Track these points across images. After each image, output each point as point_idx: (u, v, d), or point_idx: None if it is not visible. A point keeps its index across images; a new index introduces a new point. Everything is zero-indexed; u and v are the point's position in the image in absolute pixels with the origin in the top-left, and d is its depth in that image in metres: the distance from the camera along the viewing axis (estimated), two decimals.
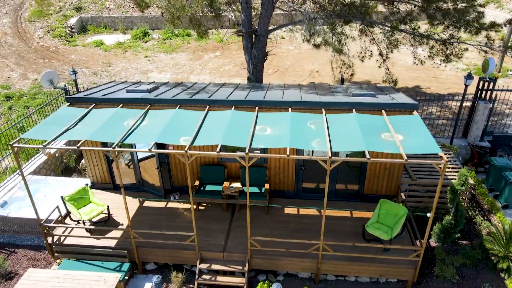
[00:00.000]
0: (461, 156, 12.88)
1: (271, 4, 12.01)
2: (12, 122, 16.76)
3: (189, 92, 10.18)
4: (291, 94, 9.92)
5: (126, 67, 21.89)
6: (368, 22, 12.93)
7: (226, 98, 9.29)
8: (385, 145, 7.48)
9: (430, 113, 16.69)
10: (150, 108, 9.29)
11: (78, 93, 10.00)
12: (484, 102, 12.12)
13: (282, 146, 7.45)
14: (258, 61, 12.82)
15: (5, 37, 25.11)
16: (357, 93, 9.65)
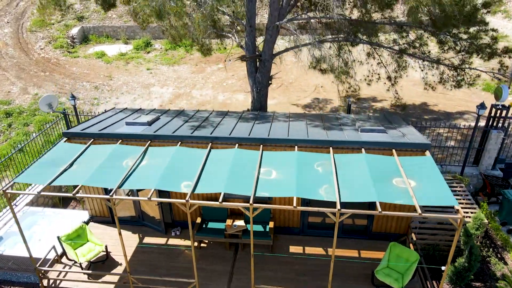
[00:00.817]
0: (473, 185, 12.45)
1: (275, 29, 11.61)
2: (11, 141, 16.44)
3: (191, 125, 9.80)
4: (296, 129, 9.51)
5: (127, 80, 21.55)
6: (375, 45, 12.51)
7: (229, 135, 8.90)
8: (397, 194, 7.07)
9: (438, 134, 16.26)
10: (150, 144, 8.93)
11: (76, 127, 9.64)
12: (497, 131, 11.67)
13: (288, 195, 7.06)
14: (262, 86, 12.43)
15: (6, 48, 24.82)
16: (366, 129, 9.23)
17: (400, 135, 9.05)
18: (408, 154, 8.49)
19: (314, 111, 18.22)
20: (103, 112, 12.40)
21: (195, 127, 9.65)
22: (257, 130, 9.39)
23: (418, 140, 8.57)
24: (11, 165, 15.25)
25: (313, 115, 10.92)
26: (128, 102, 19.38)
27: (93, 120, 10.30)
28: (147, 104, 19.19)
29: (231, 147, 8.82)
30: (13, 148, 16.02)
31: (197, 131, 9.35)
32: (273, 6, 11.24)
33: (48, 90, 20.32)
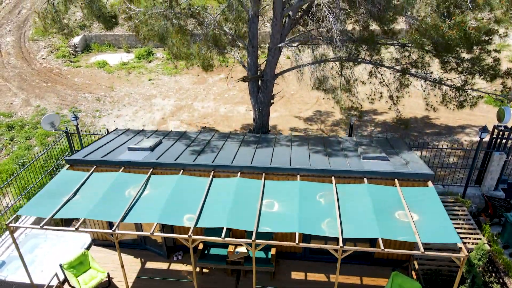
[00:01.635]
0: (475, 205, 12.42)
1: (277, 50, 11.60)
2: (14, 155, 16.46)
3: (193, 150, 9.80)
4: (299, 155, 9.51)
5: (129, 91, 21.56)
6: (378, 64, 12.49)
7: (231, 163, 8.90)
8: (400, 230, 7.07)
9: (440, 150, 16.23)
10: (152, 172, 8.93)
11: (78, 152, 9.64)
12: (499, 153, 11.64)
13: (291, 230, 7.06)
14: (264, 105, 12.43)
15: (8, 57, 24.86)
16: (368, 156, 9.22)
17: (402, 163, 9.03)
18: (410, 184, 8.47)
19: (315, 125, 18.21)
20: (105, 134, 12.43)
21: (197, 153, 9.65)
22: (259, 157, 9.39)
23: (421, 170, 8.56)
24: (13, 180, 15.28)
25: (315, 138, 10.91)
26: (129, 114, 19.39)
27: (96, 143, 10.31)
28: (149, 117, 19.21)
29: (234, 175, 8.82)
30: (15, 163, 16.05)
31: (199, 157, 9.35)
32: (275, 28, 11.23)
33: (50, 101, 20.36)
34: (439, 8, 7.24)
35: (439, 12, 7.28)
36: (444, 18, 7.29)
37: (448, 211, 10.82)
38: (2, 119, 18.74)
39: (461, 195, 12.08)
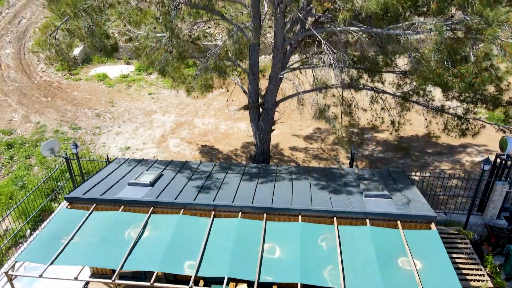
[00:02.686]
0: (477, 233, 12.34)
1: (279, 79, 11.53)
2: (13, 176, 16.39)
3: (194, 186, 9.72)
4: (300, 192, 9.43)
5: (129, 107, 21.48)
6: (379, 91, 12.42)
7: (232, 203, 8.83)
8: (402, 280, 7.00)
9: (442, 171, 16.16)
10: (153, 210, 8.86)
11: (78, 188, 9.57)
12: (502, 183, 11.57)
13: (292, 280, 7.00)
14: (265, 133, 12.36)
15: (8, 70, 24.78)
16: (370, 194, 9.14)
17: (405, 201, 8.96)
18: (413, 225, 8.41)
19: (315, 143, 18.14)
20: (105, 160, 12.35)
21: (198, 188, 9.58)
22: (260, 194, 9.32)
23: (423, 211, 8.49)
24: (13, 203, 15.21)
25: (317, 170, 10.83)
26: (129, 131, 19.32)
27: (96, 177, 10.24)
28: (149, 134, 19.13)
29: (235, 215, 8.75)
30: (15, 184, 15.96)
31: (200, 194, 9.28)
32: (276, 58, 11.15)
33: (49, 118, 20.28)
34: (442, 55, 7.16)
35: (443, 59, 7.20)
36: (448, 65, 7.22)
37: (451, 244, 10.76)
38: (2, 137, 18.67)
39: (463, 224, 12.01)
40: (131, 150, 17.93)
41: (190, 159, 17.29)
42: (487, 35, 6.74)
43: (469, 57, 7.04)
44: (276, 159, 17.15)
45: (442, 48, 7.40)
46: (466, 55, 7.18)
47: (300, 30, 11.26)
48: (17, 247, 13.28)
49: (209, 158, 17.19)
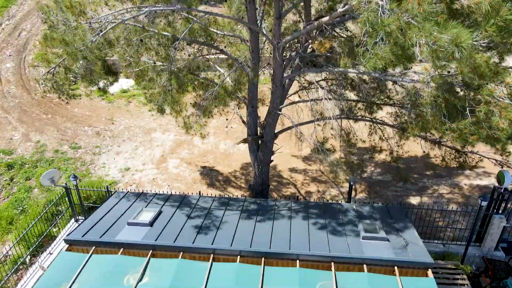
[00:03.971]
0: (475, 264, 12.41)
1: (277, 115, 11.60)
2: (13, 199, 16.45)
3: (193, 225, 9.79)
4: (298, 233, 9.51)
5: (129, 124, 21.55)
6: (377, 123, 12.49)
7: (231, 246, 8.91)
8: None
9: (440, 195, 16.23)
10: (152, 253, 8.94)
11: (77, 228, 9.63)
12: (499, 217, 11.64)
13: None
14: (264, 164, 12.44)
15: (8, 86, 24.84)
16: (368, 236, 9.22)
17: (402, 245, 9.04)
18: (410, 272, 8.48)
19: (314, 165, 18.21)
20: (105, 191, 12.43)
21: (197, 229, 9.65)
22: (259, 236, 9.38)
23: (421, 257, 8.57)
24: (13, 227, 15.29)
25: (315, 205, 10.88)
26: (129, 151, 19.39)
27: (96, 214, 10.29)
28: (149, 153, 19.20)
29: (233, 258, 8.83)
30: (15, 207, 16.03)
31: (199, 236, 9.36)
32: (275, 94, 11.22)
33: (49, 136, 20.35)
34: (440, 110, 7.22)
35: (440, 112, 7.26)
36: (445, 120, 7.28)
37: (448, 280, 10.83)
38: (2, 157, 18.73)
39: (461, 256, 12.07)
40: (130, 171, 18.01)
41: (189, 181, 17.36)
42: (484, 95, 6.80)
43: (466, 114, 7.10)
44: (275, 181, 17.22)
45: (439, 102, 7.46)
46: (462, 110, 7.23)
47: (298, 65, 11.33)
48: (18, 273, 13.37)
49: (209, 181, 17.26)
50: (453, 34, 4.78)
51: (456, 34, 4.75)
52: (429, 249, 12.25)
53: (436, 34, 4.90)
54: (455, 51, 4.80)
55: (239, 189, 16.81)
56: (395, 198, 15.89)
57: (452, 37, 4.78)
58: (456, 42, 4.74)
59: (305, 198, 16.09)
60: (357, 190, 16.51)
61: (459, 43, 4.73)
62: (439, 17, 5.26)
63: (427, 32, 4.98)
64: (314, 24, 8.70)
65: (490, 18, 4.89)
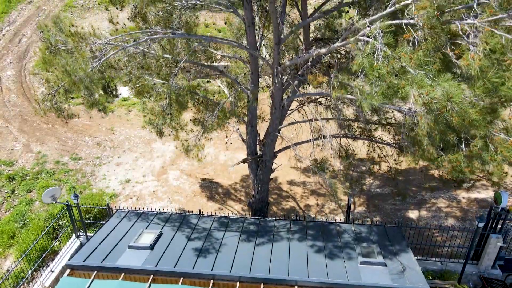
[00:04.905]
0: (472, 282, 12.55)
1: (276, 136, 11.72)
2: (15, 212, 16.56)
3: (193, 249, 9.91)
4: (297, 256, 9.63)
5: (129, 134, 21.65)
6: (377, 141, 12.60)
7: (230, 272, 9.03)
8: None
9: (438, 209, 16.35)
10: (153, 278, 9.06)
11: (79, 253, 9.76)
12: (496, 237, 11.76)
13: None
14: (263, 183, 12.56)
15: (9, 94, 24.94)
16: (366, 261, 9.35)
17: (399, 270, 9.17)
18: None
19: (313, 177, 18.27)
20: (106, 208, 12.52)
21: (197, 252, 9.78)
22: (258, 259, 9.52)
23: (417, 283, 8.70)
24: (14, 242, 15.41)
25: (314, 226, 11.00)
26: (130, 162, 19.50)
27: (97, 236, 10.42)
28: (149, 165, 19.31)
29: (233, 284, 8.96)
30: (16, 220, 16.14)
31: (199, 259, 9.49)
32: (274, 115, 11.33)
33: (50, 147, 20.46)
34: (435, 141, 7.32)
35: (435, 144, 7.36)
36: (440, 152, 7.39)
37: None
38: (3, 169, 18.85)
39: (458, 274, 12.20)
40: (131, 183, 18.12)
41: (190, 193, 17.48)
42: (479, 130, 6.90)
43: (461, 147, 7.20)
44: (275, 194, 17.34)
45: (435, 134, 7.56)
46: (458, 143, 7.33)
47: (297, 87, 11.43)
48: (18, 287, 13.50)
49: (209, 194, 17.38)
50: (445, 87, 4.88)
51: (447, 89, 4.85)
52: (427, 266, 12.48)
53: (428, 87, 5.01)
54: (447, 105, 4.90)
55: (238, 202, 16.94)
56: (394, 212, 16.02)
57: (444, 90, 4.89)
58: (448, 98, 4.84)
59: (304, 212, 16.22)
60: (356, 204, 16.62)
61: (450, 98, 4.83)
62: (433, 66, 5.36)
63: (418, 84, 5.08)
64: (312, 53, 8.79)
65: (479, 80, 5.00)
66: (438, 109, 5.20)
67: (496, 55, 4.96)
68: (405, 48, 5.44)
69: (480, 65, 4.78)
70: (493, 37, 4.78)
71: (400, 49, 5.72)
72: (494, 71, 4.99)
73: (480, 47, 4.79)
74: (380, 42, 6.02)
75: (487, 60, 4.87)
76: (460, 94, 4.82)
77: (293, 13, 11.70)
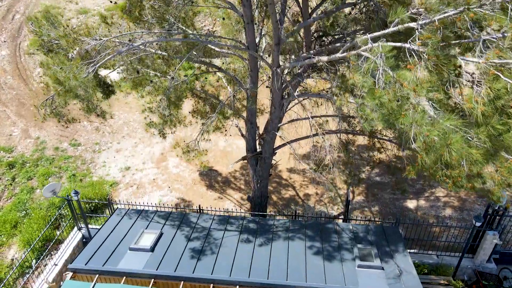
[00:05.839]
0: (467, 275, 12.82)
1: (275, 135, 11.63)
2: (16, 201, 16.69)
3: (192, 250, 10.05)
4: (295, 257, 9.79)
5: (128, 119, 21.50)
6: (378, 137, 12.52)
7: (229, 277, 9.20)
8: None
9: (437, 198, 16.47)
10: (154, 281, 9.25)
11: (80, 255, 9.89)
12: (493, 233, 11.90)
13: None
14: (263, 178, 12.58)
15: (4, 75, 24.55)
16: (363, 265, 9.50)
17: (396, 273, 9.33)
18: None
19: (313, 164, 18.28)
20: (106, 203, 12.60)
21: (197, 254, 9.92)
22: (258, 262, 9.66)
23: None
24: (17, 231, 15.61)
25: (312, 225, 11.09)
26: (129, 148, 19.48)
27: (99, 236, 10.53)
28: (148, 151, 19.30)
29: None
30: (18, 209, 16.28)
31: (199, 262, 9.64)
32: (274, 115, 11.18)
33: (49, 132, 20.37)
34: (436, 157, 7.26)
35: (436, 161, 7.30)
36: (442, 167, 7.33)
37: None
38: (3, 155, 18.83)
39: (454, 268, 12.44)
40: (131, 171, 18.16)
41: (190, 181, 17.56)
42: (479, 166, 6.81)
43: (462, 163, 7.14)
44: (275, 183, 17.42)
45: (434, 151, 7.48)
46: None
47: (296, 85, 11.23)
48: (24, 277, 13.83)
49: (208, 182, 17.46)
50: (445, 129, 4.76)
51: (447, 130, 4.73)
52: (423, 260, 12.71)
53: (428, 128, 4.89)
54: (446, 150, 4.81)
55: (238, 191, 17.04)
56: (392, 202, 16.15)
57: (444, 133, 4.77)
58: (447, 143, 4.73)
59: (303, 202, 16.35)
60: (355, 193, 16.73)
61: (449, 144, 4.72)
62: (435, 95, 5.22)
63: (418, 123, 4.96)
64: (313, 60, 8.55)
65: (481, 125, 4.87)
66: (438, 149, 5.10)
67: (501, 101, 4.81)
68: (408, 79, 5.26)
69: (484, 110, 4.64)
70: (498, 82, 4.61)
71: (402, 74, 5.55)
72: (497, 117, 4.86)
73: (484, 92, 4.63)
74: (381, 66, 5.84)
75: (491, 107, 4.73)
76: (460, 141, 4.71)
77: (294, 9, 11.31)
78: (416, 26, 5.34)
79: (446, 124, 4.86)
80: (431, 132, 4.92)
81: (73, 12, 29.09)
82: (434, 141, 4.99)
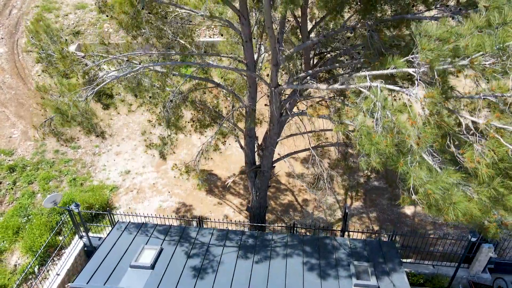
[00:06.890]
0: (462, 285, 13.05)
1: (273, 151, 11.71)
2: (17, 206, 16.84)
3: (192, 268, 10.23)
4: (293, 274, 9.97)
5: (128, 121, 21.52)
6: None
7: None
8: None
9: None
10: None
11: (81, 273, 10.08)
12: (488, 246, 12.07)
13: None
14: (261, 191, 12.70)
15: (3, 74, 24.47)
16: (359, 284, 9.69)
17: None
18: None
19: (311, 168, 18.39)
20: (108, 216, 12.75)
21: (196, 272, 10.10)
22: (256, 281, 9.85)
23: None
24: (19, 237, 15.81)
25: (310, 241, 11.25)
26: (129, 151, 19.57)
27: (100, 253, 10.70)
28: (148, 154, 19.34)
29: None
30: (19, 214, 16.45)
31: (198, 281, 9.83)
32: (273, 131, 11.22)
33: None
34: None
35: None
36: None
37: None
38: (3, 158, 18.92)
39: (449, 279, 12.66)
40: (131, 175, 18.28)
41: (189, 186, 17.69)
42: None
43: None
44: (274, 188, 17.55)
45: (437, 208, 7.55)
46: None
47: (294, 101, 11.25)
48: (27, 283, 14.09)
49: (208, 187, 17.58)
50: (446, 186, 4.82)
51: (449, 187, 4.79)
52: (419, 270, 12.92)
53: (430, 187, 4.94)
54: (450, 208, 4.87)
55: (237, 196, 17.19)
56: (390, 208, 16.32)
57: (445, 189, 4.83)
58: (450, 202, 4.79)
59: (302, 208, 16.51)
60: (353, 198, 16.88)
61: (452, 203, 4.79)
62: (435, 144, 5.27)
63: (419, 179, 5.02)
64: (312, 86, 8.56)
65: (483, 182, 4.91)
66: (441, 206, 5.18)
67: (504, 164, 4.85)
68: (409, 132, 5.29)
69: (487, 172, 4.69)
70: (500, 146, 4.65)
71: (403, 125, 5.58)
72: (500, 180, 4.91)
73: (488, 155, 4.68)
74: (380, 110, 5.88)
75: (493, 170, 4.77)
76: (463, 200, 4.78)
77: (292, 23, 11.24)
78: (415, 75, 5.35)
79: (449, 180, 4.92)
80: (434, 190, 4.98)
81: (71, 6, 28.77)
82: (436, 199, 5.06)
